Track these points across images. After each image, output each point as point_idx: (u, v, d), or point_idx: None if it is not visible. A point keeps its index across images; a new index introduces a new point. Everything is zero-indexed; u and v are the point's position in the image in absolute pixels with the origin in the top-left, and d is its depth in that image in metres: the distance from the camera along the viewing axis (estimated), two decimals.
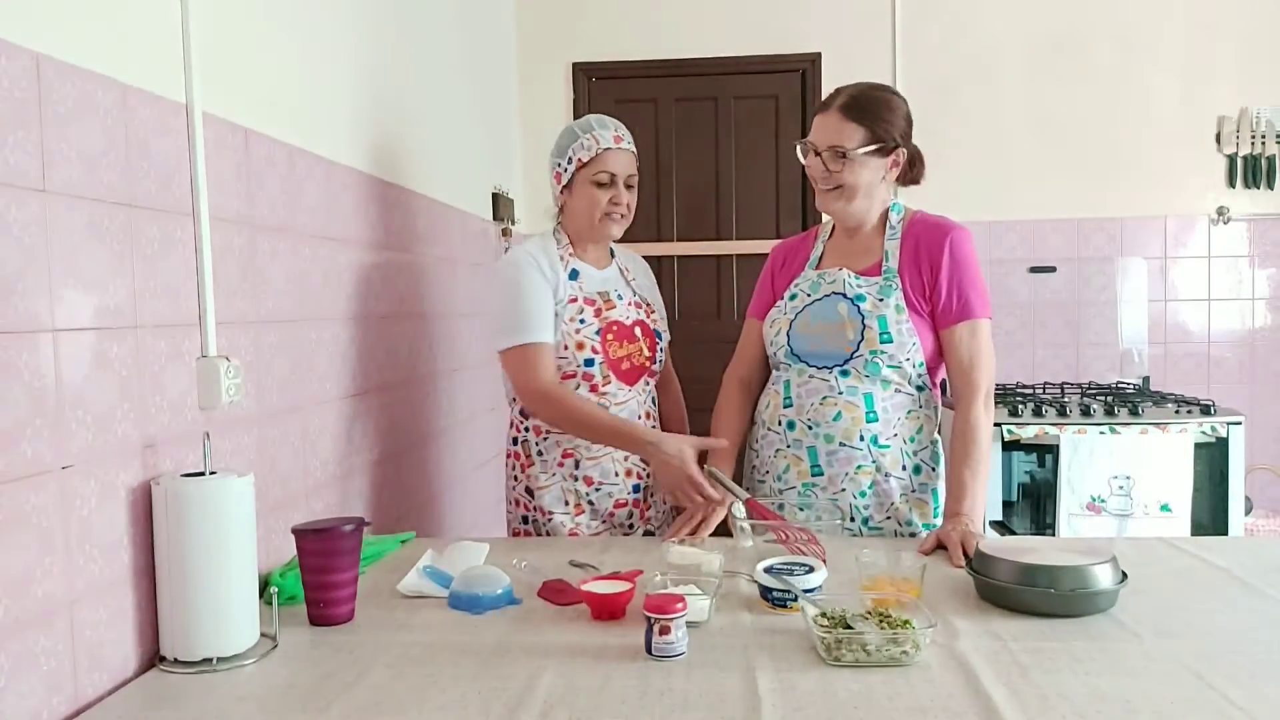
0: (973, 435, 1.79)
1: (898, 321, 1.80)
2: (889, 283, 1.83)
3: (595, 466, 1.97)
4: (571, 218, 2.02)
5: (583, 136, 1.96)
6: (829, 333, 1.85)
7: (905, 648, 1.19)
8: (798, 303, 1.92)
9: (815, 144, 1.84)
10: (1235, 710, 1.05)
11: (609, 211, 1.97)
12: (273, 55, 1.72)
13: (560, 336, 1.93)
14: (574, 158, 1.96)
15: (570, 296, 1.96)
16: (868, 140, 1.80)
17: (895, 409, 1.83)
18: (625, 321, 2.00)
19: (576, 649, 1.27)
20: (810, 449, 1.85)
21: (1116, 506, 3.04)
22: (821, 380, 1.85)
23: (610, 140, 1.96)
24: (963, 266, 1.81)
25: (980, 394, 1.81)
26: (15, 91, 1.07)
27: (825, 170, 1.83)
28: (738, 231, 4.02)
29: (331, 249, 1.93)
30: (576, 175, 1.97)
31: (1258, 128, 3.83)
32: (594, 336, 1.95)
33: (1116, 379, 3.79)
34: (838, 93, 1.85)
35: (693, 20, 3.98)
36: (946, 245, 1.81)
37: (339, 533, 1.39)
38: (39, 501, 1.09)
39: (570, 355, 1.94)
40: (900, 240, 1.86)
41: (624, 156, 1.98)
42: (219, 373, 1.41)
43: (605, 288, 2.02)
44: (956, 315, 1.81)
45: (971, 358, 1.81)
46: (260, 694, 1.17)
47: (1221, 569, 1.58)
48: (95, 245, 1.19)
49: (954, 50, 3.93)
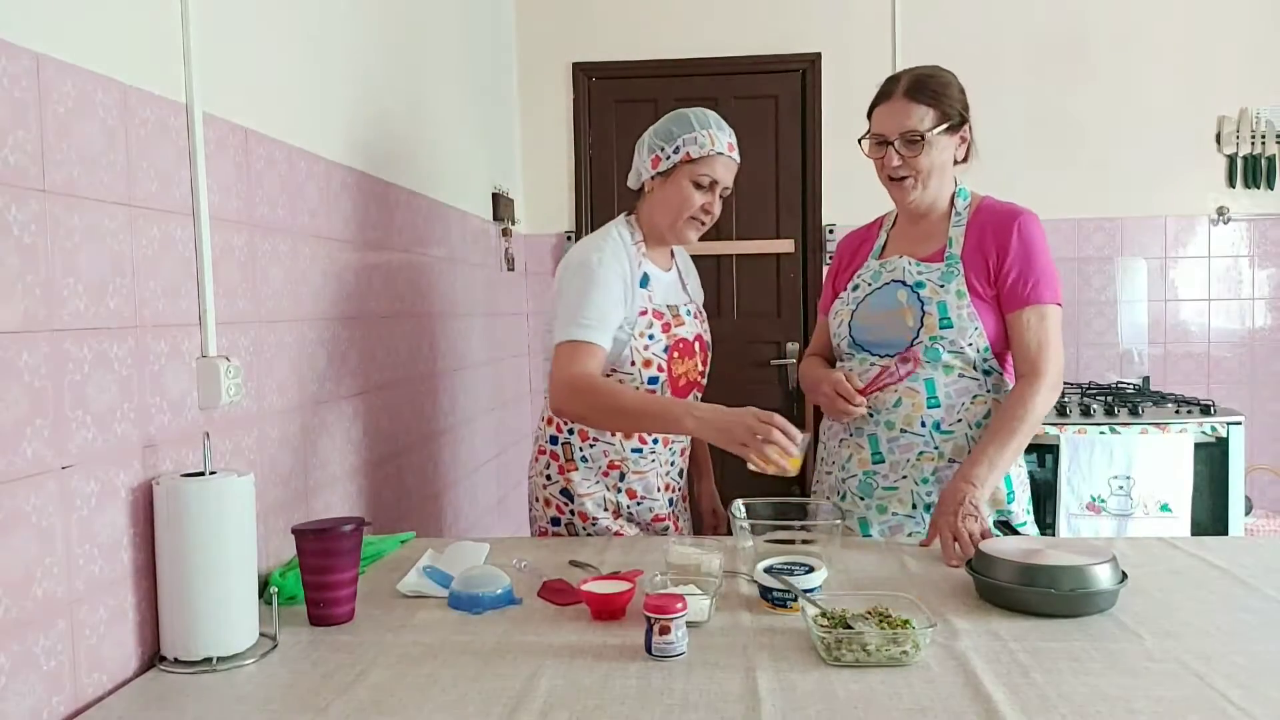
0: (1017, 410, 1.73)
1: (959, 307, 1.77)
2: (951, 268, 1.80)
3: (640, 481, 1.93)
4: (654, 209, 1.92)
5: (699, 131, 1.86)
6: (889, 320, 1.83)
7: (905, 648, 1.19)
8: (859, 293, 1.90)
9: (886, 134, 1.81)
10: (1235, 710, 1.05)
11: (697, 216, 1.90)
12: (273, 55, 1.72)
13: (629, 352, 1.85)
14: (682, 149, 1.86)
15: (641, 309, 1.87)
16: (939, 120, 1.79)
17: (960, 394, 1.80)
18: (689, 338, 1.94)
19: (576, 649, 1.27)
20: (871, 436, 1.83)
21: (1116, 506, 3.04)
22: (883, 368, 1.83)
23: (725, 147, 1.88)
24: (1031, 251, 1.77)
25: (1043, 379, 1.75)
26: (15, 91, 1.07)
27: (899, 159, 1.80)
28: (738, 231, 4.02)
29: (331, 249, 1.93)
30: (678, 168, 1.87)
31: (1258, 128, 3.83)
32: (662, 354, 1.88)
33: (1116, 379, 3.79)
34: (895, 80, 1.82)
35: (693, 20, 3.98)
36: (1015, 229, 1.78)
37: (339, 533, 1.39)
38: (39, 501, 1.09)
39: (636, 372, 1.85)
40: (966, 226, 1.83)
41: (732, 166, 1.91)
42: (219, 373, 1.41)
43: (672, 299, 1.96)
44: (1024, 299, 1.77)
45: (1040, 344, 1.76)
46: (260, 694, 1.17)
47: (1221, 569, 1.58)
48: (95, 245, 1.19)
49: (954, 50, 3.91)
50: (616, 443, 1.91)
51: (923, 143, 1.78)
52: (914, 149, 1.79)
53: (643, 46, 3.99)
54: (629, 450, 1.92)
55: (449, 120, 2.91)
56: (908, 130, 1.78)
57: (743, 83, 4.02)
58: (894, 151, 1.80)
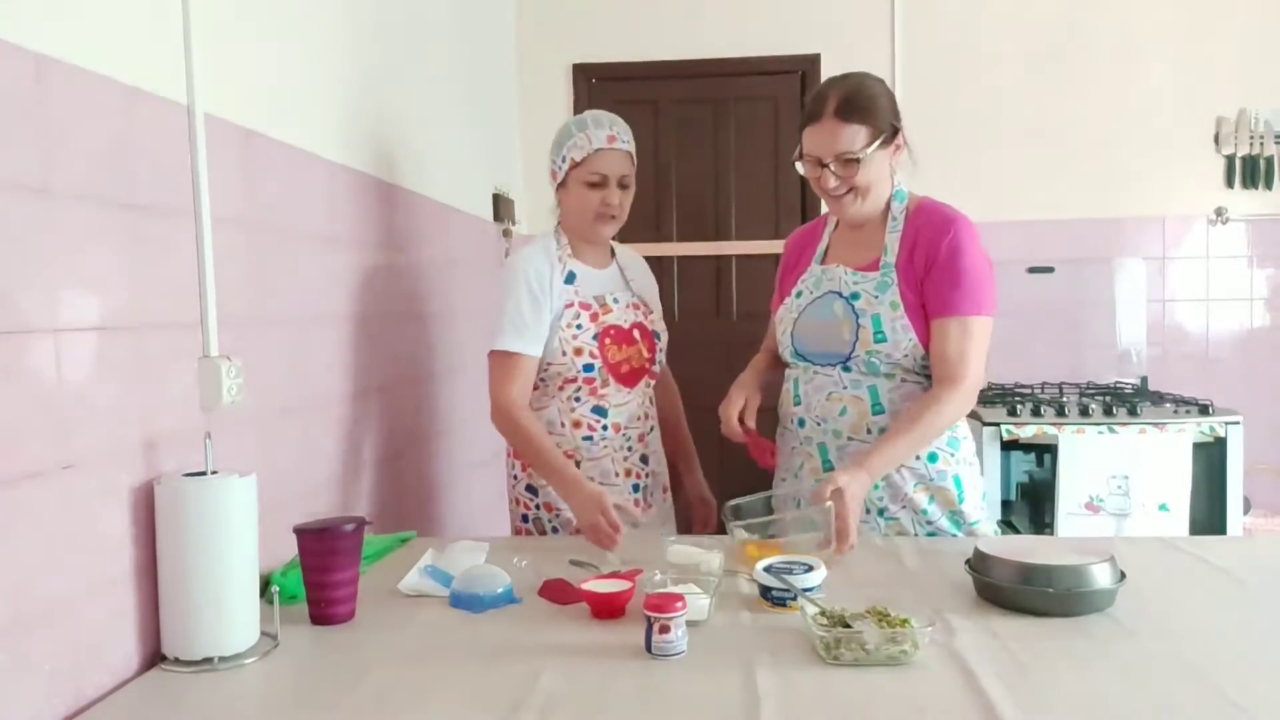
0: (926, 413, 1.72)
1: (892, 319, 1.77)
2: (885, 278, 1.80)
3: (595, 467, 1.97)
4: (566, 218, 2.02)
5: (576, 135, 1.94)
6: (827, 332, 1.84)
7: (904, 646, 1.19)
8: (801, 300, 1.91)
9: (820, 156, 1.79)
10: (1233, 709, 1.05)
11: (600, 213, 1.95)
12: (273, 56, 1.73)
13: (557, 343, 1.92)
14: (567, 156, 1.94)
15: (566, 302, 1.94)
16: (872, 137, 1.76)
17: (904, 398, 1.80)
18: (623, 325, 2.00)
19: (576, 648, 1.27)
20: (820, 445, 1.85)
21: (1115, 506, 3.04)
22: (825, 377, 1.84)
23: (603, 140, 1.93)
24: (959, 261, 1.76)
25: (959, 387, 1.74)
26: (16, 91, 1.07)
27: (836, 179, 1.79)
28: (737, 232, 4.02)
29: (331, 249, 1.93)
30: (570, 174, 1.95)
31: (1256, 128, 3.83)
32: (591, 341, 1.94)
33: (1115, 379, 3.80)
34: (822, 99, 1.78)
35: (692, 22, 3.98)
36: (944, 239, 1.77)
37: (340, 532, 1.40)
38: (40, 501, 1.09)
39: (569, 361, 1.93)
40: (901, 233, 1.83)
41: (617, 156, 1.94)
42: (220, 373, 1.41)
43: (602, 290, 2.01)
44: (947, 309, 1.76)
45: (960, 354, 1.75)
46: (261, 693, 1.17)
47: (1219, 568, 1.59)
48: (96, 245, 1.20)
49: (953, 51, 3.93)
50: (566, 432, 1.96)
51: (858, 163, 1.77)
52: (850, 169, 1.77)
53: (643, 48, 3.99)
54: (580, 439, 1.96)
55: (450, 121, 2.91)
56: (842, 153, 1.76)
57: (743, 84, 4.03)
58: (830, 174, 1.78)
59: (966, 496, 1.85)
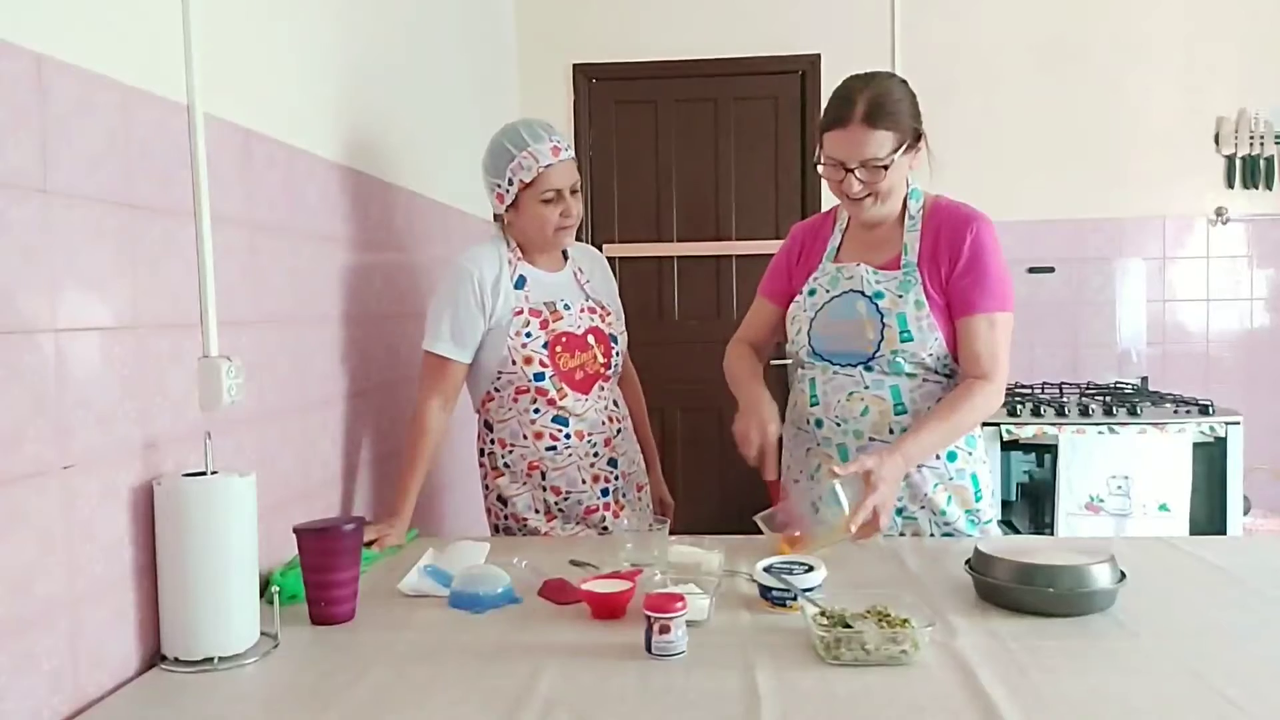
0: (964, 400, 1.72)
1: (918, 318, 1.76)
2: (908, 277, 1.79)
3: (561, 476, 1.95)
4: (519, 231, 1.97)
5: (519, 155, 1.88)
6: (849, 332, 1.82)
7: (904, 647, 1.19)
8: (817, 299, 1.88)
9: (844, 161, 1.75)
10: (1233, 709, 1.05)
11: (561, 225, 1.92)
12: (273, 56, 1.73)
13: (507, 352, 1.90)
14: (515, 178, 1.89)
15: (516, 309, 1.91)
16: (898, 143, 1.73)
17: (925, 398, 1.79)
18: (576, 331, 1.96)
19: (576, 648, 1.27)
20: (840, 446, 1.82)
21: (1115, 506, 3.04)
22: (846, 376, 1.82)
23: (549, 155, 1.88)
24: (984, 258, 1.76)
25: (993, 384, 1.75)
26: (15, 91, 1.07)
27: (860, 184, 1.75)
28: (737, 232, 4.01)
29: (332, 249, 1.93)
30: (521, 195, 1.91)
31: (1256, 128, 3.83)
32: (542, 350, 1.91)
33: (1115, 379, 3.80)
34: (848, 103, 1.74)
35: (693, 21, 3.98)
36: (968, 236, 1.76)
37: (340, 532, 1.40)
38: (40, 501, 1.09)
39: (519, 370, 1.90)
40: (920, 231, 1.81)
41: (565, 167, 1.91)
42: (220, 373, 1.41)
43: (554, 296, 1.97)
44: (975, 307, 1.75)
45: (992, 352, 1.75)
46: (261, 693, 1.17)
47: (1219, 568, 1.59)
48: (96, 245, 1.20)
49: (954, 51, 3.93)
50: (529, 444, 1.94)
51: (884, 169, 1.74)
52: (875, 175, 1.74)
53: (643, 48, 3.99)
54: (544, 450, 1.95)
55: (450, 121, 2.91)
56: (869, 159, 1.73)
57: (743, 84, 4.02)
58: (854, 178, 1.75)
59: (984, 495, 1.84)
